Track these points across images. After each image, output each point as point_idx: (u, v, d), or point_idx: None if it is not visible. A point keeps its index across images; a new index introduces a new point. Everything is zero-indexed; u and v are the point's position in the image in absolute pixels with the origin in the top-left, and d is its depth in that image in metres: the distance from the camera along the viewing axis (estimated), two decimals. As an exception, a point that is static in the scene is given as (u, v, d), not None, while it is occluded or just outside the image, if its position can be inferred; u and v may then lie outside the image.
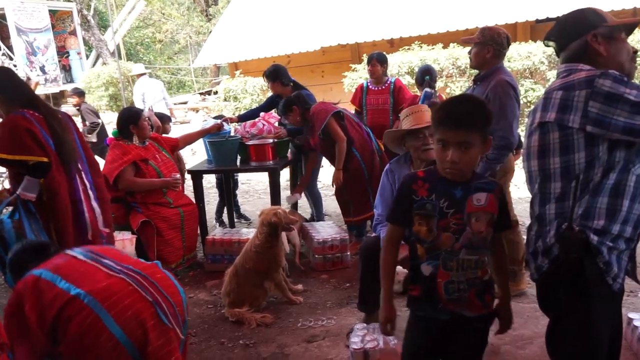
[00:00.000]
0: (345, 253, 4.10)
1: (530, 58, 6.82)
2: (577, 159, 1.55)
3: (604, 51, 1.63)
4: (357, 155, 4.19)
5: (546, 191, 1.64)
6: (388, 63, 5.04)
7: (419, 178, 1.69)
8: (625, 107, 1.47)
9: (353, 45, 9.32)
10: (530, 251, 1.72)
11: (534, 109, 1.70)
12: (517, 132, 3.12)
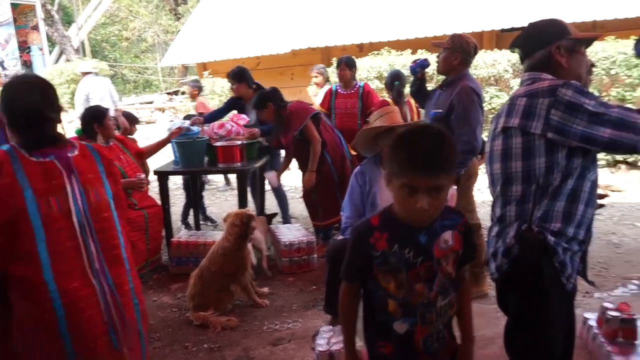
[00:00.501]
0: (312, 255, 4.11)
1: (495, 66, 6.99)
2: (538, 164, 1.61)
3: (565, 63, 1.70)
4: (328, 158, 4.21)
5: (508, 194, 1.69)
6: (357, 67, 5.08)
7: (375, 228, 1.45)
8: (584, 116, 1.54)
9: (323, 49, 9.36)
10: (491, 252, 1.76)
11: (499, 114, 1.76)
12: (480, 137, 3.20)
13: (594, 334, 2.66)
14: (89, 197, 1.78)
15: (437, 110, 3.30)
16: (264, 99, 4.29)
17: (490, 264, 1.77)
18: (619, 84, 6.61)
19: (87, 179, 1.79)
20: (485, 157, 1.84)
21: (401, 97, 4.55)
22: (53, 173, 1.72)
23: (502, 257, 1.69)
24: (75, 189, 1.75)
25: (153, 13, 21.63)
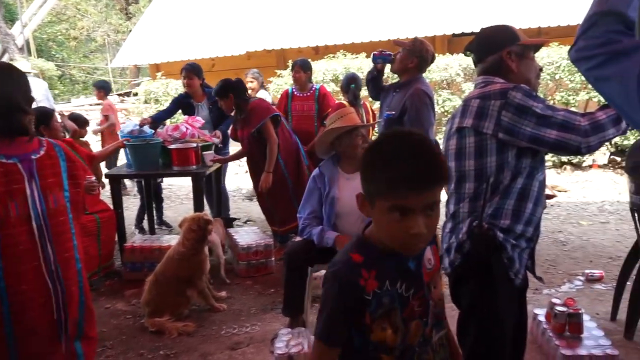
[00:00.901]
0: (269, 258, 4.09)
1: (447, 70, 7.18)
2: (489, 163, 1.69)
3: (515, 68, 1.79)
4: (281, 162, 4.20)
5: (461, 191, 1.77)
6: (313, 70, 5.10)
7: (360, 266, 1.17)
8: (532, 118, 1.62)
9: (278, 51, 9.35)
10: (444, 247, 1.84)
11: (453, 115, 1.84)
12: (432, 138, 3.28)
13: (543, 328, 2.77)
14: (47, 202, 1.79)
15: (390, 112, 3.37)
16: (227, 88, 4.22)
17: (444, 259, 1.83)
18: (563, 89, 6.91)
19: (47, 184, 1.80)
20: None
21: (357, 100, 4.59)
22: (14, 176, 1.72)
23: (455, 253, 1.76)
24: (35, 194, 1.76)
25: (103, 12, 21.00)
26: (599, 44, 1.11)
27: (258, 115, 4.14)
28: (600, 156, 7.23)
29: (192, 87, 4.80)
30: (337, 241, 2.80)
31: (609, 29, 1.11)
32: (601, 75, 1.12)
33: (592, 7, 1.17)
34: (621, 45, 1.08)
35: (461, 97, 7.20)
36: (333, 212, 2.89)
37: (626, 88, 1.05)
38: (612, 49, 1.09)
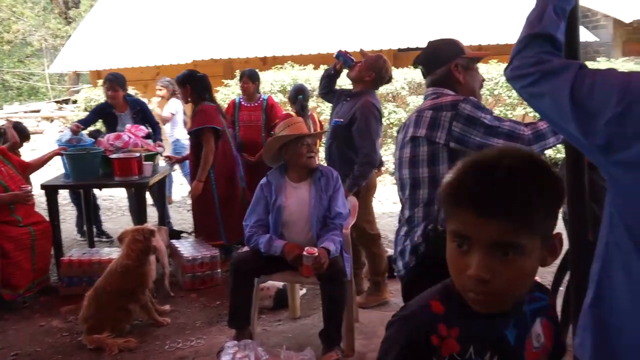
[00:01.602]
0: (215, 270, 4.02)
1: (393, 84, 7.34)
2: (442, 170, 1.80)
3: (463, 79, 1.91)
4: (211, 177, 4.14)
5: (416, 197, 1.86)
6: (260, 80, 5.10)
7: (440, 319, 0.92)
8: (481, 129, 1.74)
9: (226, 61, 9.27)
10: (398, 250, 1.91)
11: (407, 125, 1.92)
12: (379, 150, 3.36)
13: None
14: None
15: (339, 119, 3.44)
16: (187, 78, 4.19)
17: (397, 262, 1.90)
18: (501, 104, 7.24)
19: None
20: (382, 170, 1.96)
21: (305, 110, 4.62)
22: None
23: (410, 255, 1.83)
24: None
25: (40, 15, 20.11)
26: (532, 63, 1.20)
27: (201, 118, 4.10)
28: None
29: (116, 99, 4.66)
30: (286, 249, 2.79)
31: (541, 49, 1.21)
32: (535, 92, 1.20)
33: (524, 29, 1.27)
34: (552, 65, 1.17)
35: (406, 110, 7.39)
36: (280, 220, 2.89)
37: (558, 103, 1.13)
38: (544, 68, 1.18)
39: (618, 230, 1.13)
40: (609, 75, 1.10)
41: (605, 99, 1.06)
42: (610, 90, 1.06)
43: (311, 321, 3.34)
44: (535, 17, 1.25)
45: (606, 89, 1.07)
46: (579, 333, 1.27)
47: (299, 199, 2.92)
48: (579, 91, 1.10)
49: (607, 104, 1.06)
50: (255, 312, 3.04)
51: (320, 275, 2.74)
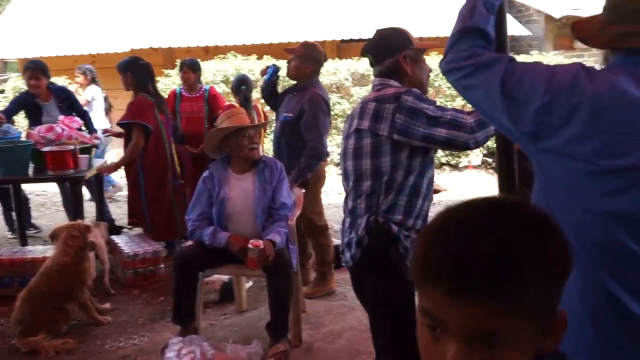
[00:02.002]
0: (158, 265, 3.92)
1: (337, 74, 7.39)
2: (384, 163, 1.81)
3: (410, 71, 1.91)
4: (140, 175, 4.02)
5: (359, 188, 1.87)
6: (202, 70, 4.98)
7: None
8: (424, 119, 1.76)
9: (166, 50, 9.00)
10: (345, 242, 1.92)
11: (351, 117, 1.93)
12: (326, 143, 3.37)
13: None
14: None
15: (288, 114, 3.40)
16: (129, 65, 4.02)
17: (345, 253, 1.93)
18: (441, 95, 7.43)
19: None
20: (327, 161, 1.96)
21: (248, 101, 4.57)
22: None
23: (355, 247, 1.86)
24: None
25: (-39, -1, 18.77)
26: (465, 56, 1.26)
27: (131, 112, 3.96)
28: (474, 157, 7.86)
29: (39, 88, 4.39)
30: (231, 241, 2.76)
31: (474, 43, 1.27)
32: (468, 84, 1.26)
33: (457, 23, 1.33)
34: (484, 58, 1.24)
35: (350, 101, 7.44)
36: (224, 212, 2.85)
37: (490, 94, 1.19)
38: (476, 61, 1.24)
39: None
40: (536, 67, 1.18)
41: (533, 90, 1.13)
42: (538, 82, 1.13)
43: (258, 313, 3.33)
44: (467, 11, 1.31)
45: (534, 80, 1.14)
46: None
47: (243, 190, 2.88)
48: (509, 83, 1.16)
49: (534, 95, 1.12)
50: (200, 306, 2.99)
51: (266, 268, 2.73)
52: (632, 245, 1.08)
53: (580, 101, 1.08)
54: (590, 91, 1.08)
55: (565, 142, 1.10)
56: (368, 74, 7.48)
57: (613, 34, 1.13)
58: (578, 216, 1.12)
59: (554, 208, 1.16)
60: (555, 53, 8.86)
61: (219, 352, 2.63)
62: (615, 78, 1.08)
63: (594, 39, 1.18)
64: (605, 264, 1.11)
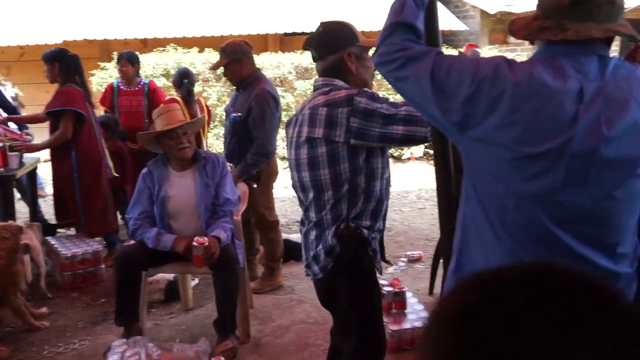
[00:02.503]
0: (99, 266, 3.78)
1: (280, 68, 7.35)
2: (344, 169, 1.75)
3: (355, 70, 1.84)
4: (73, 164, 3.86)
5: (321, 200, 1.80)
6: (141, 63, 4.83)
7: None
8: (379, 120, 1.70)
9: (102, 42, 8.65)
10: (312, 255, 1.86)
11: (299, 123, 1.82)
12: (275, 140, 3.33)
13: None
14: None
15: (237, 114, 3.35)
16: (56, 56, 3.81)
17: (312, 266, 1.87)
18: (384, 88, 7.55)
19: None
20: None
21: (191, 95, 4.47)
22: None
23: (326, 257, 1.81)
24: None
25: None
26: (396, 49, 1.30)
27: (61, 100, 3.76)
28: (416, 150, 8.06)
29: None
30: (176, 243, 2.69)
31: (405, 37, 1.31)
32: (400, 76, 1.30)
33: (389, 17, 1.36)
34: (414, 51, 1.28)
35: (294, 95, 7.43)
36: (165, 211, 2.78)
37: (420, 85, 1.24)
38: (407, 54, 1.28)
39: (472, 202, 1.27)
40: (462, 60, 1.27)
41: (459, 82, 1.19)
42: (464, 74, 1.19)
43: (205, 311, 3.28)
44: (399, 6, 1.35)
45: (460, 72, 1.20)
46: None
47: (184, 188, 2.82)
48: (438, 75, 1.22)
49: (461, 86, 1.19)
50: (145, 306, 2.91)
51: (212, 265, 2.69)
52: (550, 226, 1.16)
53: (503, 91, 1.15)
54: (511, 82, 1.14)
55: (490, 131, 1.17)
56: (312, 68, 7.49)
57: (534, 28, 1.20)
58: (503, 201, 1.20)
59: (481, 196, 1.23)
60: (491, 47, 9.20)
61: (165, 352, 2.57)
62: (534, 69, 1.15)
63: (519, 31, 1.25)
64: (528, 246, 1.18)
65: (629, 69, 1.20)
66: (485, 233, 1.25)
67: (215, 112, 7.32)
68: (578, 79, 1.14)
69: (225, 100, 7.28)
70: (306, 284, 3.67)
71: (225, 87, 7.28)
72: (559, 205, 1.16)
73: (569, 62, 1.15)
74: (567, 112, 1.12)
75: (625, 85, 1.16)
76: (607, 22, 1.14)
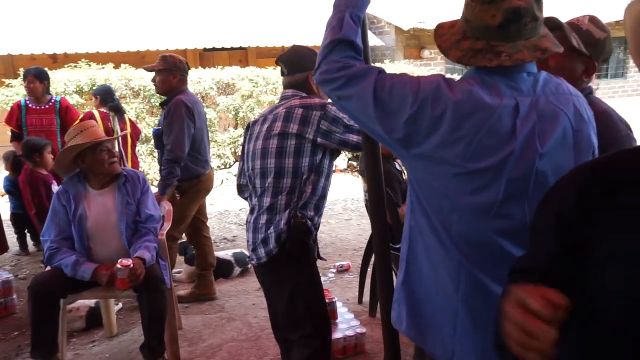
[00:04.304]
0: (10, 297, 3.51)
1: (201, 83, 7.25)
2: (304, 162, 1.99)
3: (316, 89, 2.09)
4: None
5: (279, 185, 2.00)
6: (51, 80, 4.59)
7: None
8: (341, 127, 1.98)
9: (5, 57, 8.13)
10: (260, 238, 2.01)
11: (272, 120, 2.04)
12: (186, 147, 3.28)
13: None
14: None
15: (158, 127, 3.40)
16: None
17: (259, 249, 2.01)
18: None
19: None
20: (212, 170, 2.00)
21: (120, 111, 4.46)
22: None
23: (274, 242, 1.97)
24: None
25: None
26: (338, 67, 1.32)
27: None
28: (340, 162, 8.22)
29: None
30: (97, 274, 2.56)
31: (345, 54, 1.34)
32: (343, 95, 1.33)
33: (328, 34, 1.38)
34: (355, 69, 1.31)
35: (216, 110, 7.34)
36: (84, 231, 2.64)
37: (364, 104, 1.27)
38: (349, 72, 1.31)
39: (417, 215, 1.32)
40: (403, 79, 1.27)
41: (402, 101, 1.23)
42: (406, 93, 1.23)
43: (130, 336, 3.14)
44: (336, 23, 1.37)
45: (403, 91, 1.24)
46: (395, 307, 1.45)
47: (103, 207, 2.70)
48: (381, 93, 1.25)
49: (404, 105, 1.22)
50: (64, 336, 2.73)
51: (137, 287, 2.59)
52: (494, 236, 1.22)
53: (444, 110, 1.19)
54: (451, 100, 1.19)
55: (434, 148, 1.21)
56: (233, 83, 7.45)
57: (466, 49, 1.23)
58: (447, 214, 1.24)
59: (427, 209, 1.28)
60: (405, 62, 9.62)
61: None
62: (472, 88, 1.21)
63: (451, 51, 1.27)
64: (472, 256, 1.24)
65: (555, 84, 1.28)
66: (432, 244, 1.29)
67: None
68: (513, 95, 1.20)
69: (144, 117, 7.07)
70: (236, 301, 3.62)
71: (144, 104, 7.07)
72: (501, 217, 1.21)
73: (503, 80, 1.22)
74: (505, 127, 1.18)
75: (554, 99, 1.23)
76: (532, 36, 1.21)
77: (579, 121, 1.25)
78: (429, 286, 1.33)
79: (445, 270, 1.27)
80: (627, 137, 1.61)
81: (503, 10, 1.17)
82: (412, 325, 1.39)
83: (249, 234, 2.08)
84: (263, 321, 3.18)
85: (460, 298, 1.26)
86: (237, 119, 7.62)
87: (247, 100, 7.47)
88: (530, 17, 1.18)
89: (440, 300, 1.30)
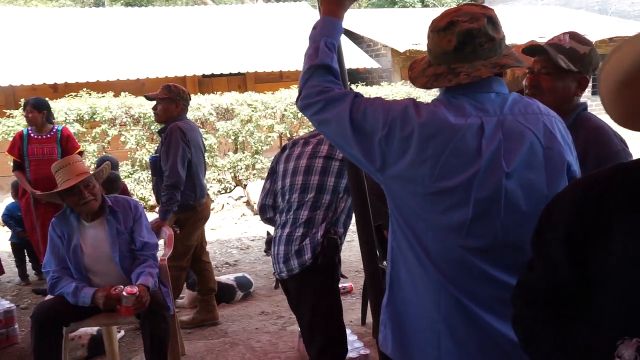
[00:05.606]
0: (11, 327, 3.48)
1: (200, 109, 7.33)
2: (342, 183, 2.20)
3: None
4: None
5: (319, 200, 2.18)
6: (51, 110, 4.64)
7: None
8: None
9: (7, 88, 8.23)
10: (294, 249, 2.14)
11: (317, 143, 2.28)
12: (182, 170, 3.27)
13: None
14: None
15: (156, 154, 3.43)
16: None
17: (291, 260, 2.14)
18: (305, 125, 7.73)
19: None
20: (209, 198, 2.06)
21: (116, 186, 4.48)
22: None
23: (310, 254, 2.11)
24: None
25: None
26: (316, 92, 1.36)
27: None
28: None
29: None
30: (96, 297, 2.55)
31: (324, 79, 1.38)
32: (322, 119, 1.36)
33: (306, 61, 1.43)
34: (333, 94, 1.35)
35: (216, 136, 7.40)
36: (80, 263, 2.63)
37: (341, 127, 1.31)
38: (327, 97, 1.34)
39: (398, 236, 1.33)
40: (376, 102, 1.31)
41: (375, 122, 1.27)
42: (378, 116, 1.27)
43: (133, 364, 3.11)
44: (312, 52, 1.42)
45: (375, 114, 1.28)
46: (381, 329, 1.45)
47: (95, 239, 2.69)
48: (356, 115, 1.29)
49: (376, 127, 1.26)
50: (66, 365, 2.71)
51: (139, 314, 2.57)
52: (468, 255, 1.22)
53: (412, 131, 1.22)
54: (417, 122, 1.22)
55: (405, 169, 1.24)
56: (232, 108, 7.53)
57: (430, 75, 1.28)
58: (424, 234, 1.26)
59: (405, 230, 1.30)
60: (402, 83, 9.72)
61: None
62: (437, 109, 1.24)
63: (418, 79, 1.32)
64: (451, 275, 1.24)
65: (525, 103, 1.29)
66: (412, 263, 1.30)
67: (134, 156, 7.13)
68: (478, 115, 1.23)
69: (144, 144, 7.12)
70: (238, 325, 3.60)
71: (144, 131, 7.13)
72: (473, 236, 1.21)
73: (469, 101, 1.25)
74: (470, 147, 1.20)
75: (522, 119, 1.25)
76: (492, 56, 1.24)
77: (550, 139, 1.26)
78: (412, 307, 1.34)
79: (426, 290, 1.27)
80: (622, 151, 1.64)
81: (456, 34, 1.23)
82: (397, 346, 1.38)
83: (279, 247, 2.19)
84: (266, 345, 3.16)
85: (442, 318, 1.26)
86: (237, 143, 7.67)
87: (247, 124, 7.53)
88: (484, 38, 1.23)
89: (424, 321, 1.30)
